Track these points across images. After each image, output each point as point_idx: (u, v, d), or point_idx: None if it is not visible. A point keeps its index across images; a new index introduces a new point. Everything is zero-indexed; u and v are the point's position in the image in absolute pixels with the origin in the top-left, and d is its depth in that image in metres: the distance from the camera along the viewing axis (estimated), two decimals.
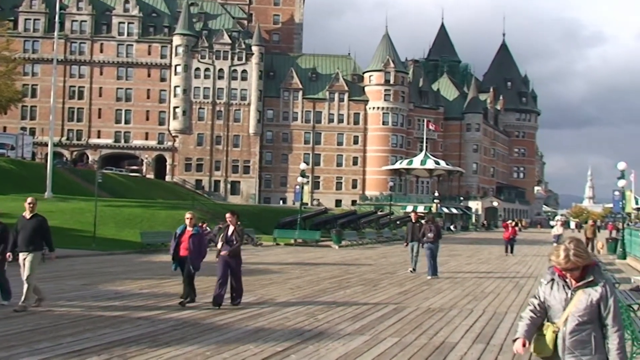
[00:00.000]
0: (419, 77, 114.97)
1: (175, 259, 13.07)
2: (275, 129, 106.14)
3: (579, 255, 4.44)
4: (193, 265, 12.80)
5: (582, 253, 4.46)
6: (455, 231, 76.35)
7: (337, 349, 9.01)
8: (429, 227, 19.99)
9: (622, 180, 32.08)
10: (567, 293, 4.49)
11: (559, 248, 4.52)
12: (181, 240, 12.96)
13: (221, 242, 12.92)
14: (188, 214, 13.36)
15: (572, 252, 4.43)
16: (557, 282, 4.57)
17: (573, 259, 4.41)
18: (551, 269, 4.63)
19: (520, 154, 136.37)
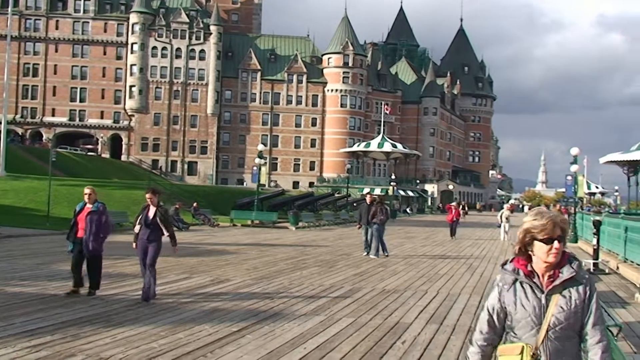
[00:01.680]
0: (378, 61, 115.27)
1: (72, 239, 11.54)
2: (233, 110, 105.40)
3: (565, 223, 3.20)
4: (89, 247, 11.23)
5: (567, 224, 3.30)
6: (411, 214, 77.11)
7: (292, 329, 9.03)
8: (379, 209, 20.26)
9: (574, 165, 32.66)
10: (539, 298, 3.12)
11: (539, 213, 3.20)
12: (78, 218, 11.48)
13: (139, 225, 11.30)
14: (87, 189, 11.65)
15: (558, 218, 3.16)
16: (523, 284, 3.17)
17: (562, 225, 3.16)
18: (510, 267, 3.23)
19: (476, 138, 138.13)
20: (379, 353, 7.86)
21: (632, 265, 17.51)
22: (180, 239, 26.07)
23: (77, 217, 11.47)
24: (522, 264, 3.19)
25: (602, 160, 34.19)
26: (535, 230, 3.10)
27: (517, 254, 3.22)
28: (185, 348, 7.73)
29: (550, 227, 3.08)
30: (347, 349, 8.02)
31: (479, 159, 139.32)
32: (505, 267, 3.26)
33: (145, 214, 11.28)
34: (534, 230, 3.10)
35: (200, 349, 7.71)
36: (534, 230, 3.10)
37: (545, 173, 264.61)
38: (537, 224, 3.10)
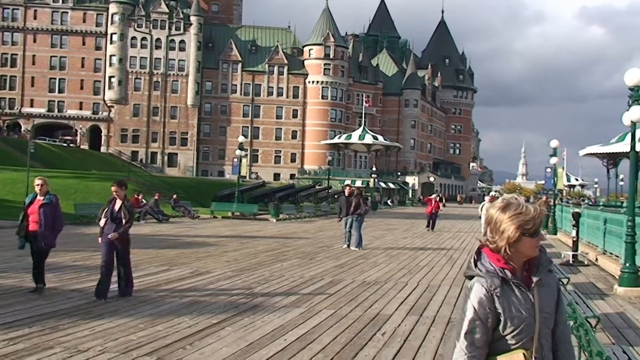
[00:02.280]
0: (359, 52, 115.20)
1: (22, 234, 10.69)
2: (213, 101, 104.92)
3: (541, 215, 2.94)
4: (44, 241, 10.51)
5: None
6: (392, 206, 77.33)
7: (272, 321, 9.00)
8: (358, 202, 20.31)
9: (554, 157, 32.83)
10: (529, 297, 2.85)
11: (517, 205, 2.88)
12: (29, 211, 10.65)
13: (104, 219, 10.60)
14: (38, 180, 10.81)
15: (538, 209, 2.91)
16: (512, 284, 2.85)
17: (540, 218, 2.89)
18: (492, 267, 2.87)
19: (456, 131, 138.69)
20: (359, 344, 7.85)
21: (611, 257, 17.67)
22: (160, 230, 26.09)
23: (27, 210, 10.64)
24: (502, 262, 2.85)
25: (581, 152, 34.47)
26: (528, 225, 2.82)
27: (505, 254, 2.85)
28: (165, 340, 7.68)
29: (539, 220, 2.86)
30: (327, 340, 8.00)
31: (459, 151, 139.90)
32: (484, 268, 2.87)
33: (111, 207, 10.60)
34: (527, 226, 2.82)
35: (180, 341, 7.66)
36: (527, 225, 2.82)
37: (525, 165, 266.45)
38: (528, 218, 2.82)
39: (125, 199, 10.69)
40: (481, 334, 2.82)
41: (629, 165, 14.06)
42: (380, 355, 7.37)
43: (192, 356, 7.05)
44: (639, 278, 12.52)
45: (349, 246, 20.33)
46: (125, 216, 10.50)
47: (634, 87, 12.69)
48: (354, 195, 20.73)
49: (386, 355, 7.40)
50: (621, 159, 33.69)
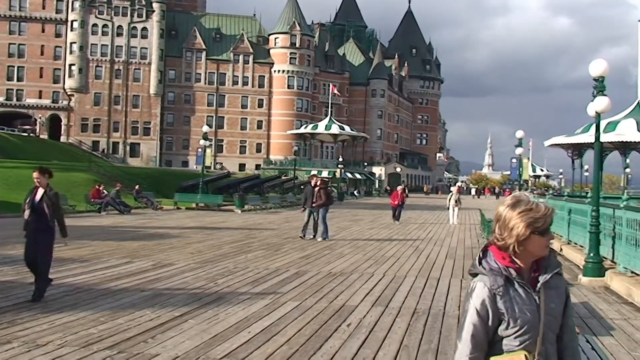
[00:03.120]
0: (325, 41, 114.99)
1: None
2: (177, 90, 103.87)
3: (552, 213, 2.87)
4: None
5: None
6: (358, 196, 77.53)
7: (236, 313, 8.93)
8: (323, 193, 20.21)
9: (519, 148, 33.16)
10: (534, 298, 2.75)
11: (527, 202, 2.79)
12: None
13: (28, 210, 9.53)
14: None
15: (550, 207, 2.81)
16: (517, 284, 2.75)
17: (551, 216, 2.81)
18: (496, 265, 2.77)
19: (423, 121, 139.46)
20: (324, 336, 7.80)
21: (576, 247, 17.88)
22: (122, 222, 25.73)
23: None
24: (508, 261, 2.76)
25: (547, 143, 34.81)
26: (538, 223, 2.72)
27: (513, 252, 2.76)
28: (126, 334, 7.57)
29: (549, 217, 2.77)
30: (292, 332, 7.95)
31: (426, 142, 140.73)
32: (488, 265, 2.78)
33: (32, 197, 9.58)
34: (537, 224, 2.72)
35: (141, 335, 7.56)
36: (537, 224, 2.72)
37: (491, 156, 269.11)
38: (539, 215, 2.73)
39: (48, 187, 9.69)
40: (482, 335, 2.72)
41: (594, 156, 14.19)
42: (345, 347, 7.33)
43: (154, 349, 6.95)
44: (603, 268, 12.65)
45: (304, 236, 20.18)
46: (49, 207, 9.49)
47: (599, 77, 12.78)
48: (319, 187, 20.56)
49: (351, 346, 7.36)
50: (586, 149, 34.10)
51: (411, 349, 7.31)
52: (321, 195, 20.13)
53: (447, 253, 17.77)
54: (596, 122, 13.55)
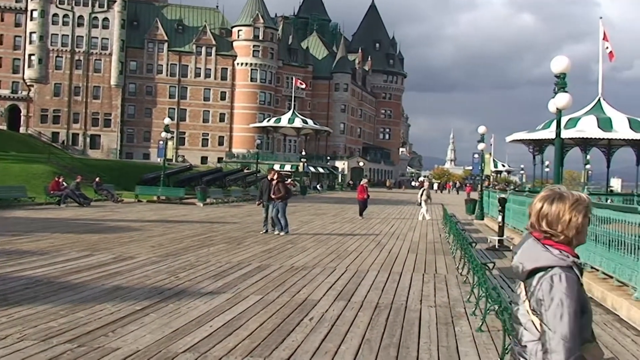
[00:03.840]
0: (289, 35, 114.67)
1: None
2: (138, 82, 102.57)
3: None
4: None
5: None
6: (321, 190, 77.58)
7: (198, 307, 8.89)
8: (281, 186, 20.02)
9: (481, 143, 33.43)
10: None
11: (565, 191, 2.83)
12: None
13: None
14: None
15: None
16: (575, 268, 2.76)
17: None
18: (570, 258, 2.73)
19: (386, 116, 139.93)
20: (286, 330, 7.81)
21: None
22: (82, 215, 25.35)
23: None
24: (572, 253, 2.77)
25: (508, 139, 35.26)
26: (589, 212, 2.80)
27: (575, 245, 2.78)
28: (86, 327, 7.50)
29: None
30: (254, 326, 7.95)
31: (389, 136, 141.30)
32: (566, 256, 2.73)
33: None
34: (589, 213, 2.79)
35: (101, 328, 7.50)
36: (589, 213, 2.79)
37: (454, 151, 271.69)
38: (587, 204, 2.78)
39: None
40: (580, 327, 2.65)
41: (554, 152, 14.41)
42: (308, 341, 7.35)
43: (115, 343, 6.90)
44: None
45: (267, 232, 19.98)
46: None
47: (560, 74, 12.98)
48: (276, 181, 20.26)
49: (313, 340, 7.38)
50: (547, 145, 34.63)
51: (373, 343, 7.35)
52: (280, 188, 19.92)
53: (409, 247, 17.90)
54: (557, 119, 13.76)
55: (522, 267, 2.78)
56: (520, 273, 2.79)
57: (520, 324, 2.78)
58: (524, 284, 2.80)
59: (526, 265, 2.76)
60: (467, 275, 12.15)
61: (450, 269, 13.80)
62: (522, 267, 2.77)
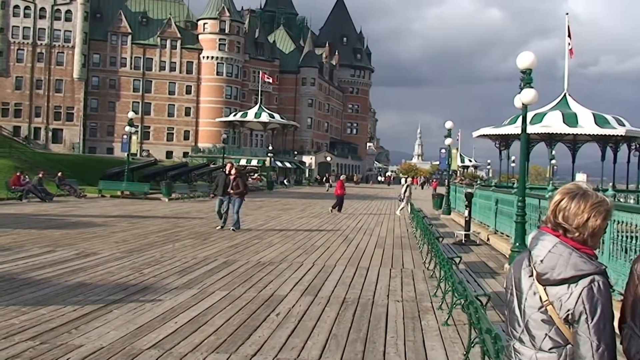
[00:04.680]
0: (255, 28, 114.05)
1: None
2: (102, 75, 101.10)
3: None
4: None
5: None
6: (288, 185, 77.49)
7: (163, 303, 8.82)
8: (240, 181, 19.64)
9: (448, 138, 33.63)
10: None
11: (587, 190, 2.78)
12: None
13: None
14: None
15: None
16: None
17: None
18: (594, 260, 2.70)
19: (354, 110, 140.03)
20: (253, 326, 7.78)
21: (502, 236, 18.33)
22: (44, 210, 24.94)
23: None
24: (595, 255, 2.73)
25: (475, 134, 35.49)
26: (610, 216, 2.74)
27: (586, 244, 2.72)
28: (49, 324, 7.40)
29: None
30: (220, 322, 7.91)
31: (356, 131, 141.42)
32: (596, 262, 2.67)
33: None
34: (609, 218, 2.74)
35: (65, 325, 7.41)
36: (609, 217, 2.73)
37: (421, 146, 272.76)
38: (610, 207, 2.71)
39: None
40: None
41: (520, 147, 14.52)
42: (274, 336, 7.33)
43: (78, 340, 6.82)
44: None
45: (222, 227, 19.48)
46: None
47: (526, 70, 13.07)
48: (234, 174, 19.81)
49: (280, 336, 7.36)
50: (513, 140, 34.90)
51: (340, 338, 7.34)
52: (239, 184, 19.48)
53: (376, 242, 17.95)
54: (523, 114, 13.87)
55: (554, 274, 2.63)
56: (550, 280, 2.64)
57: (533, 328, 2.68)
58: (543, 288, 2.66)
59: (562, 273, 2.60)
60: (434, 269, 12.21)
61: (417, 264, 13.87)
62: (555, 274, 2.62)
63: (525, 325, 2.72)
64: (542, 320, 2.65)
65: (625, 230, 9.17)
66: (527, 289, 2.73)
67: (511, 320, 2.82)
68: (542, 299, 2.65)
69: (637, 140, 33.40)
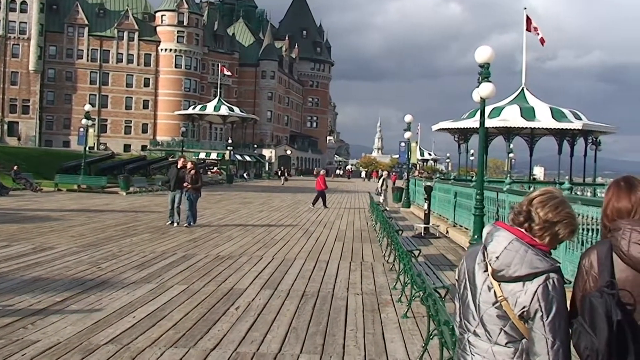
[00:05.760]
0: (214, 21, 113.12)
1: None
2: (58, 67, 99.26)
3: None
4: None
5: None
6: (248, 179, 77.20)
7: (121, 298, 8.74)
8: (194, 176, 18.90)
9: (408, 132, 33.86)
10: None
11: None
12: None
13: None
14: None
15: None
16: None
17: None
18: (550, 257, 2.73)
19: (314, 104, 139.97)
20: (212, 320, 7.76)
21: (461, 229, 18.55)
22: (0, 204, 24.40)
23: None
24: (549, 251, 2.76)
25: (434, 127, 35.79)
26: (576, 232, 2.78)
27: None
28: (4, 320, 7.31)
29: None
30: (179, 316, 7.87)
31: (316, 125, 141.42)
32: (555, 260, 2.71)
33: None
34: (576, 233, 2.77)
35: (20, 321, 7.32)
36: (576, 233, 2.77)
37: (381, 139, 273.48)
38: (577, 224, 2.76)
39: None
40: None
41: (478, 141, 14.70)
42: (234, 330, 7.32)
43: (34, 335, 6.75)
44: None
45: (172, 223, 18.62)
46: None
47: (484, 64, 13.24)
48: (190, 168, 19.06)
49: (239, 329, 7.36)
50: (472, 134, 35.33)
51: (300, 331, 7.37)
52: (195, 178, 18.87)
53: (336, 236, 18.01)
54: (481, 108, 14.05)
55: (509, 271, 2.61)
56: (505, 277, 2.62)
57: (488, 323, 2.67)
58: (497, 284, 2.64)
59: (518, 270, 2.59)
60: (394, 262, 12.30)
61: (377, 257, 13.96)
62: (510, 271, 2.61)
63: (481, 320, 2.70)
64: (497, 316, 2.64)
65: (581, 222, 9.37)
66: (482, 284, 2.70)
67: (465, 313, 2.79)
68: (497, 295, 2.64)
69: (594, 134, 34.12)
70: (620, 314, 2.46)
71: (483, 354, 2.70)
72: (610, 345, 2.45)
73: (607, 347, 2.44)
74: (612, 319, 2.46)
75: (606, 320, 2.45)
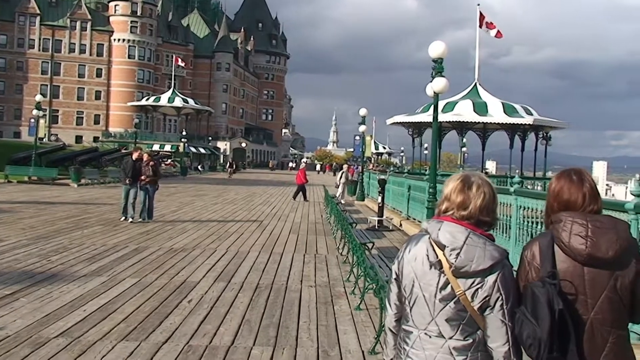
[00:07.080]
0: (168, 11, 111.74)
1: None
2: (8, 57, 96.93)
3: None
4: None
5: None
6: (202, 171, 76.66)
7: (71, 291, 8.62)
8: (151, 168, 18.30)
9: (363, 125, 34.00)
10: None
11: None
12: None
13: None
14: None
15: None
16: None
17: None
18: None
19: (269, 96, 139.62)
20: (164, 313, 7.71)
21: (414, 222, 18.74)
22: None
23: None
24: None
25: (389, 121, 36.04)
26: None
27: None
28: None
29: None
30: (131, 309, 7.81)
31: (272, 117, 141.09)
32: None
33: None
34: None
35: None
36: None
37: (336, 133, 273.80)
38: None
39: None
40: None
41: (432, 135, 14.87)
42: (186, 323, 7.29)
43: None
44: None
45: (127, 219, 17.69)
46: None
47: (437, 59, 13.39)
48: (147, 160, 18.38)
49: (192, 322, 7.33)
50: (425, 128, 35.70)
51: (253, 324, 7.37)
52: (152, 170, 18.26)
53: (290, 228, 18.03)
54: (434, 102, 14.21)
55: (472, 266, 2.59)
56: (469, 272, 2.59)
57: (445, 319, 2.63)
58: (454, 280, 2.61)
59: (482, 264, 2.58)
60: (347, 255, 12.37)
61: (331, 249, 14.02)
62: (474, 265, 2.59)
63: (436, 317, 2.65)
64: (456, 311, 2.62)
65: (531, 216, 9.56)
66: (435, 281, 2.64)
67: (414, 313, 2.72)
68: (456, 290, 2.61)
69: (544, 129, 34.83)
70: (561, 304, 2.53)
71: (437, 349, 2.65)
72: (552, 334, 2.51)
73: (549, 336, 2.50)
74: (554, 308, 2.52)
75: (548, 310, 2.51)
